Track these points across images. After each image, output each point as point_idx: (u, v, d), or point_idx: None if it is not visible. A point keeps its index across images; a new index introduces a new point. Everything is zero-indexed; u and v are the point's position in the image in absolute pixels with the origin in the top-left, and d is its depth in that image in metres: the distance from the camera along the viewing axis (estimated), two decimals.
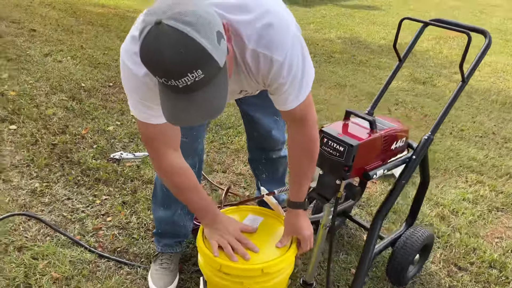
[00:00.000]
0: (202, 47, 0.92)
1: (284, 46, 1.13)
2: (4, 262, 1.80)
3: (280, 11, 1.16)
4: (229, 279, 1.41)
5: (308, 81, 1.27)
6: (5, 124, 2.77)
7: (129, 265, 1.86)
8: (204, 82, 0.97)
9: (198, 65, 0.94)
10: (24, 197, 2.18)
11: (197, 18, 0.92)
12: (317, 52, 5.57)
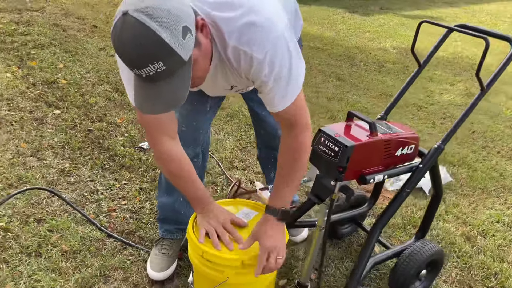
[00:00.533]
0: (163, 40, 0.97)
1: (265, 44, 1.14)
2: (22, 231, 1.95)
3: (265, 10, 1.16)
4: (211, 267, 1.44)
5: (296, 84, 1.26)
6: (51, 108, 3.00)
7: (133, 247, 1.95)
8: (167, 73, 1.02)
9: (159, 57, 0.98)
10: (53, 175, 2.35)
11: (162, 12, 0.97)
12: (368, 61, 5.45)
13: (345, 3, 8.37)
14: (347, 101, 4.07)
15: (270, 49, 1.16)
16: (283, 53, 1.18)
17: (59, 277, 1.76)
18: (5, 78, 3.29)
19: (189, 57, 1.04)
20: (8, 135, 2.63)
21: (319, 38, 6.11)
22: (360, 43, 6.00)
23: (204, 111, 1.73)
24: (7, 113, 2.86)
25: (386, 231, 2.30)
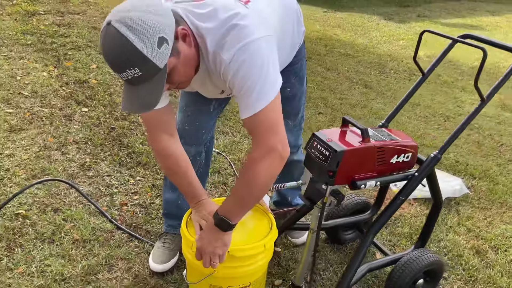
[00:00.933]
0: (138, 49, 1.08)
1: (234, 47, 1.20)
2: (39, 219, 2.10)
3: (246, 19, 1.22)
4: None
5: (263, 96, 1.24)
6: (80, 106, 3.18)
7: (139, 240, 2.05)
8: (144, 78, 1.13)
9: (134, 64, 1.10)
10: (74, 168, 2.50)
11: (140, 24, 1.08)
12: (399, 69, 5.37)
13: (381, 10, 8.27)
14: (371, 108, 4.05)
15: (237, 54, 1.20)
16: (252, 61, 1.22)
17: (67, 263, 1.89)
18: (41, 77, 3.52)
19: (165, 65, 1.14)
20: (38, 129, 2.82)
21: (351, 45, 6.09)
22: (392, 50, 5.92)
23: (207, 112, 1.81)
24: (39, 109, 3.06)
25: (391, 239, 2.30)
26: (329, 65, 5.13)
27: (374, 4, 8.77)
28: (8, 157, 2.52)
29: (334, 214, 2.13)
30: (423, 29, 1.78)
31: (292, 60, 1.75)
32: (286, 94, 1.82)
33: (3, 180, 2.33)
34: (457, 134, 1.68)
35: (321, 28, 6.74)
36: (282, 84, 1.77)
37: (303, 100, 1.95)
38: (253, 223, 1.64)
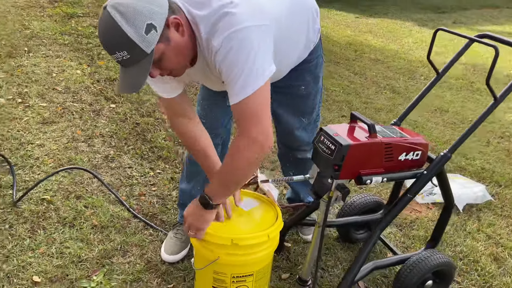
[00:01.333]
0: (126, 34, 1.16)
1: (223, 34, 1.24)
2: (62, 205, 2.21)
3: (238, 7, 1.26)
4: (206, 247, 1.55)
5: (250, 84, 1.27)
6: (109, 102, 3.32)
7: (154, 229, 2.13)
8: (132, 61, 1.21)
9: (123, 47, 1.18)
10: (98, 159, 2.62)
11: (130, 9, 1.15)
12: (429, 75, 5.28)
13: (415, 17, 8.16)
14: (396, 113, 4.00)
15: (226, 41, 1.24)
16: (239, 48, 1.25)
17: (85, 246, 1.98)
18: (75, 74, 3.69)
19: (152, 50, 1.20)
20: (68, 123, 2.97)
21: (381, 50, 6.04)
22: (424, 57, 5.81)
23: (223, 106, 1.84)
24: (71, 104, 3.21)
25: (405, 241, 2.27)
26: (357, 69, 5.11)
27: (409, 10, 8.65)
28: (39, 146, 2.67)
29: (346, 212, 2.13)
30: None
31: (307, 57, 1.77)
32: (301, 92, 1.85)
33: (32, 168, 2.47)
34: (468, 134, 1.66)
35: (352, 33, 6.72)
36: (296, 81, 1.81)
37: (318, 99, 1.95)
38: (259, 214, 1.68)
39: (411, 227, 2.39)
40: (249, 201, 1.74)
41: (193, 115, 1.64)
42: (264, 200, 1.75)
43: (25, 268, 1.84)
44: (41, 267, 1.85)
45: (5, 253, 1.91)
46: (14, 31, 4.57)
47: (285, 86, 1.81)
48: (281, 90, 1.82)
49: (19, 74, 3.59)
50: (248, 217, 1.66)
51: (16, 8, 5.44)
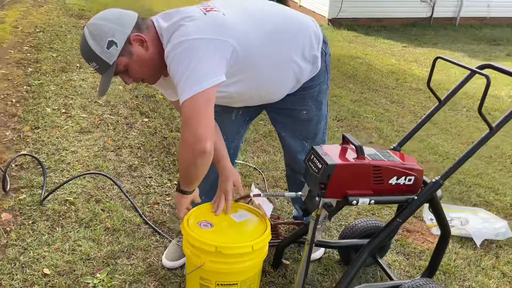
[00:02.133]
0: (91, 49, 1.45)
1: (173, 42, 1.43)
2: (82, 207, 2.40)
3: (194, 20, 1.46)
4: (192, 252, 1.64)
5: (189, 87, 1.39)
6: (142, 116, 3.54)
7: (161, 235, 2.24)
8: (101, 71, 1.50)
9: (92, 59, 1.47)
10: (123, 168, 2.80)
11: (96, 29, 1.45)
12: (473, 107, 5.11)
13: (466, 48, 7.94)
14: (428, 143, 3.93)
15: (172, 49, 1.43)
16: (180, 57, 1.41)
17: (95, 246, 2.13)
18: (117, 89, 3.97)
19: (113, 62, 1.46)
20: (102, 133, 3.20)
21: (424, 80, 5.93)
22: (470, 88, 5.63)
23: (229, 118, 1.94)
24: (108, 116, 3.47)
25: (409, 270, 2.23)
26: (395, 98, 5.06)
27: (461, 41, 8.43)
28: (72, 153, 2.90)
29: (346, 235, 2.14)
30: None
31: (308, 84, 1.82)
32: (303, 116, 1.90)
33: (62, 172, 2.70)
34: (461, 162, 1.65)
35: (396, 62, 6.67)
36: (298, 106, 1.87)
37: (322, 125, 1.98)
38: (249, 225, 1.74)
39: (419, 257, 2.34)
40: (242, 213, 1.81)
41: None
42: (257, 214, 1.82)
43: (39, 260, 2.01)
44: (53, 261, 2.01)
45: (24, 245, 2.09)
46: (71, 49, 5.00)
47: (288, 109, 1.88)
48: (285, 112, 1.90)
49: (67, 87, 3.93)
50: (238, 228, 1.72)
51: (76, 29, 5.94)
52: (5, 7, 6.96)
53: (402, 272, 2.21)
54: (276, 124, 2.01)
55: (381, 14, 8.76)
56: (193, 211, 1.78)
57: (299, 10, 9.41)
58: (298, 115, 1.90)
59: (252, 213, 1.82)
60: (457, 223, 2.65)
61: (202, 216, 1.74)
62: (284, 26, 1.66)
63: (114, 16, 1.50)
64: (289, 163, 2.11)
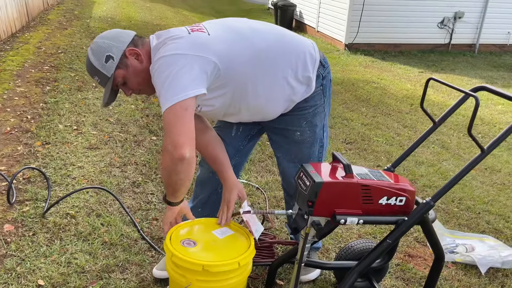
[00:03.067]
0: (92, 64, 1.62)
1: (156, 57, 1.54)
2: (83, 220, 2.43)
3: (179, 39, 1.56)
4: (176, 271, 1.63)
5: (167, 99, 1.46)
6: (151, 135, 3.60)
7: (156, 251, 2.25)
8: (102, 84, 1.65)
9: (95, 74, 1.64)
10: (126, 184, 2.84)
11: (96, 46, 1.62)
12: (488, 134, 5.01)
13: (485, 74, 7.84)
14: (439, 168, 3.86)
15: (154, 63, 1.54)
16: (160, 70, 1.50)
17: (91, 259, 2.15)
18: (129, 108, 4.07)
19: (111, 74, 1.60)
20: (110, 149, 3.27)
21: (439, 106, 5.87)
22: (487, 114, 5.56)
23: (228, 135, 1.97)
24: (117, 134, 3.54)
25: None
26: (408, 123, 5.01)
27: (480, 68, 8.34)
28: (79, 168, 2.97)
29: (342, 256, 2.11)
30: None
31: (302, 105, 1.83)
32: (297, 137, 1.91)
33: (67, 186, 2.75)
34: (452, 183, 1.61)
35: (411, 87, 6.63)
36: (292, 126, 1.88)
37: (315, 148, 1.96)
38: (232, 242, 1.73)
39: (419, 282, 2.28)
40: (225, 230, 1.80)
41: (204, 124, 1.86)
42: (240, 230, 1.80)
43: (35, 272, 2.04)
44: (48, 273, 2.04)
45: (22, 256, 2.13)
46: None
47: (283, 129, 1.90)
48: (280, 132, 1.92)
49: (81, 105, 4.04)
50: (221, 245, 1.71)
51: None
52: (31, 29, 7.27)
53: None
54: (273, 144, 2.02)
55: (398, 40, 8.78)
56: (175, 228, 1.77)
57: (316, 35, 9.52)
58: (292, 136, 1.91)
59: (233, 229, 1.81)
60: (462, 249, 2.58)
61: (185, 235, 1.73)
62: (275, 45, 1.70)
63: (112, 35, 1.66)
64: (285, 187, 2.12)
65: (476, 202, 3.31)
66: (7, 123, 3.59)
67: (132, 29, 8.11)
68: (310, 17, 9.80)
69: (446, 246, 2.59)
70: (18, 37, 6.67)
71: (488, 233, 2.87)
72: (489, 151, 1.59)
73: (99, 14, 9.78)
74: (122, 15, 9.99)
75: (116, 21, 9.03)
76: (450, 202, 3.20)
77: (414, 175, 3.63)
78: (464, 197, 3.31)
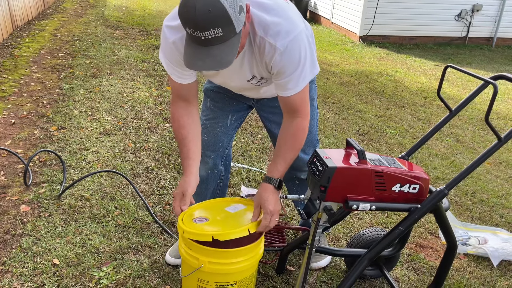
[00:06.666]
0: (226, 11, 1.23)
1: (287, 39, 1.44)
2: (97, 203, 2.47)
3: (289, 13, 1.48)
4: (189, 253, 1.64)
5: (305, 77, 1.52)
6: (164, 122, 3.63)
7: (169, 234, 2.28)
8: (221, 39, 1.28)
9: (219, 24, 1.24)
10: (139, 169, 2.87)
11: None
12: (504, 127, 4.95)
13: (502, 68, 7.71)
14: (452, 161, 3.82)
15: (290, 44, 1.44)
16: (300, 50, 1.46)
17: (105, 240, 2.19)
18: (143, 95, 4.10)
19: (240, 30, 1.31)
20: (123, 136, 3.30)
21: (455, 99, 5.80)
22: (503, 109, 5.48)
23: (224, 125, 1.98)
24: (131, 120, 3.57)
25: (418, 286, 2.16)
26: (422, 115, 4.97)
27: (497, 61, 8.21)
28: (93, 153, 3.00)
29: (353, 244, 2.11)
30: None
31: None
32: None
33: (82, 170, 2.79)
34: (467, 172, 1.60)
35: (426, 80, 6.55)
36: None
37: (312, 122, 1.96)
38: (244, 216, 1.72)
39: (430, 272, 2.27)
40: (237, 206, 1.81)
41: (192, 99, 1.73)
42: (250, 204, 1.80)
43: (50, 251, 2.09)
44: (63, 252, 2.08)
45: (38, 236, 2.18)
46: (104, 57, 5.20)
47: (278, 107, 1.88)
48: (276, 111, 1.90)
49: (96, 92, 4.08)
50: (233, 218, 1.71)
51: (111, 38, 6.19)
52: (47, 17, 7.34)
53: (410, 287, 2.15)
54: (271, 125, 2.00)
55: (414, 32, 8.67)
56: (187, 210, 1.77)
57: (330, 27, 9.45)
58: None
59: (244, 204, 1.82)
60: (474, 241, 2.56)
61: (197, 214, 1.74)
62: None
63: None
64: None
65: (490, 195, 3.28)
66: (23, 108, 3.64)
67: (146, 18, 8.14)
68: (325, 9, 9.72)
69: (458, 238, 2.58)
70: (34, 24, 6.73)
71: (501, 227, 2.84)
72: (506, 140, 1.57)
73: (114, 2, 9.82)
74: (137, 4, 10.01)
75: (131, 10, 9.06)
76: (463, 195, 3.17)
77: (428, 167, 3.60)
78: (478, 190, 3.28)
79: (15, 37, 5.80)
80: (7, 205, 2.39)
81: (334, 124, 4.22)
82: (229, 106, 1.96)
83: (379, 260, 2.09)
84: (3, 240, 2.13)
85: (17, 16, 6.14)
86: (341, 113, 4.60)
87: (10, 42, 5.50)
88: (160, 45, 1.63)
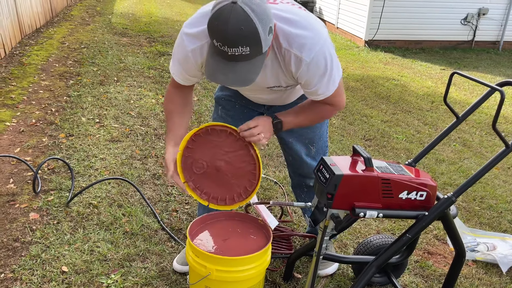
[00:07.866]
0: (257, 31, 1.25)
1: (312, 50, 1.45)
2: (105, 210, 2.49)
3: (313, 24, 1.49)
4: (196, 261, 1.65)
5: (335, 81, 1.57)
6: None
7: (176, 241, 2.29)
8: (247, 57, 1.30)
9: (249, 43, 1.26)
10: (147, 176, 2.89)
11: (262, 10, 1.26)
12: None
13: (509, 72, 7.67)
14: (460, 166, 3.80)
15: (316, 55, 1.46)
16: (326, 58, 1.49)
17: (113, 248, 2.20)
18: (149, 102, 4.12)
19: (266, 51, 1.34)
20: (131, 142, 3.32)
21: (461, 103, 5.78)
22: (511, 113, 5.45)
23: None
24: (138, 127, 3.60)
25: None
26: (429, 120, 4.95)
27: (504, 65, 8.16)
28: (101, 160, 3.03)
29: (361, 251, 2.10)
30: None
31: None
32: None
33: (90, 177, 2.81)
34: (474, 179, 1.59)
35: (432, 84, 6.53)
36: None
37: (324, 128, 2.05)
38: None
39: (438, 280, 2.26)
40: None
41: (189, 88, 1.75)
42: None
43: (59, 258, 2.10)
44: (72, 260, 2.09)
45: (47, 243, 2.19)
46: (111, 64, 5.25)
47: None
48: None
49: (103, 99, 4.12)
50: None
51: (118, 45, 6.24)
52: (55, 25, 7.41)
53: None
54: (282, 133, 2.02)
55: (420, 37, 8.65)
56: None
57: (335, 31, 9.46)
58: None
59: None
60: (483, 248, 2.55)
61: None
62: None
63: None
64: (296, 169, 2.12)
65: (498, 201, 3.26)
66: (32, 115, 3.68)
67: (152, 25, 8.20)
68: (330, 13, 9.74)
69: (467, 244, 2.56)
70: (43, 32, 6.81)
71: (510, 233, 2.82)
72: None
73: (121, 10, 9.91)
74: (143, 11, 10.09)
75: (137, 17, 9.13)
76: (471, 201, 3.16)
77: (435, 172, 3.59)
78: (486, 196, 3.26)
79: (24, 45, 5.87)
80: (16, 213, 2.41)
81: (341, 130, 4.22)
82: (240, 114, 1.97)
83: (387, 267, 2.09)
84: (12, 247, 2.15)
85: (26, 24, 6.21)
86: (347, 118, 4.60)
87: (19, 50, 5.57)
88: (172, 51, 1.63)
